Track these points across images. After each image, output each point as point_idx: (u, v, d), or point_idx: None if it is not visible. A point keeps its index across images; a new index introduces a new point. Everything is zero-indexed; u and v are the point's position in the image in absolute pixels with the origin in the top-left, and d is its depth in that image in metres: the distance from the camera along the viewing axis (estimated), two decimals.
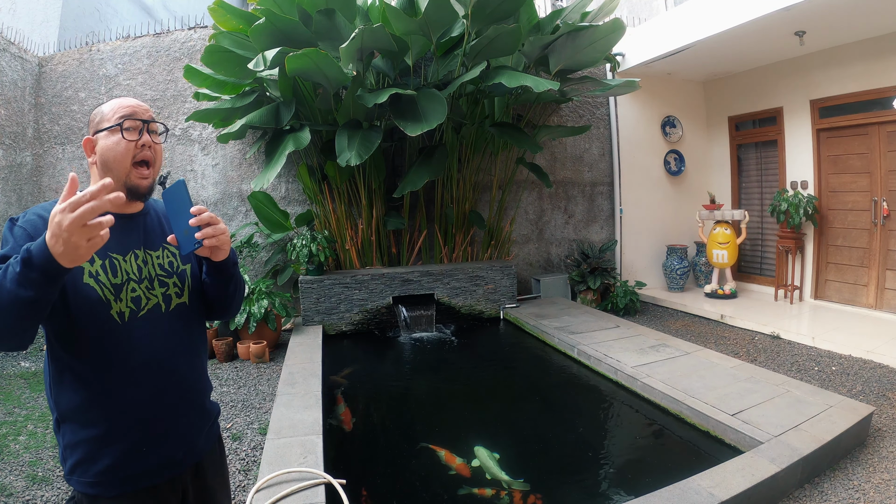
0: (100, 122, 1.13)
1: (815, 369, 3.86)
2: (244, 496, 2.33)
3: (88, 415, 1.07)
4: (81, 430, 1.07)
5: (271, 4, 4.48)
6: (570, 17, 4.86)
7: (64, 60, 5.44)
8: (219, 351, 4.37)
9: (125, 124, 1.11)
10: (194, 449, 1.21)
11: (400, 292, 5.19)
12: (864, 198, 5.28)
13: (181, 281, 1.20)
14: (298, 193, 5.78)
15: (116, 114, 1.12)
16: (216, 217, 1.08)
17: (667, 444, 2.88)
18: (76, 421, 1.07)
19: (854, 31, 4.93)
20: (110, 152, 1.10)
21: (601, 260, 6.30)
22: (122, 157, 1.10)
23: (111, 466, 1.07)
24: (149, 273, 1.15)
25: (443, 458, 2.67)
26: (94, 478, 1.07)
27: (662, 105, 6.91)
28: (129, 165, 1.11)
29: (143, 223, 1.19)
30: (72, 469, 1.08)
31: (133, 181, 1.12)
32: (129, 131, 1.11)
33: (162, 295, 1.16)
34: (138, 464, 1.10)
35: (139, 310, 1.11)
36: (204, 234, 1.05)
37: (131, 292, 1.11)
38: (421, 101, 4.32)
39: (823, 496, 2.27)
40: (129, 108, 1.13)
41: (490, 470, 2.56)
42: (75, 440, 1.07)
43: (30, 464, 2.71)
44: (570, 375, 3.93)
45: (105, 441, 1.07)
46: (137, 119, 1.12)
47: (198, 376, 1.24)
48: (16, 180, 5.06)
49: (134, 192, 1.13)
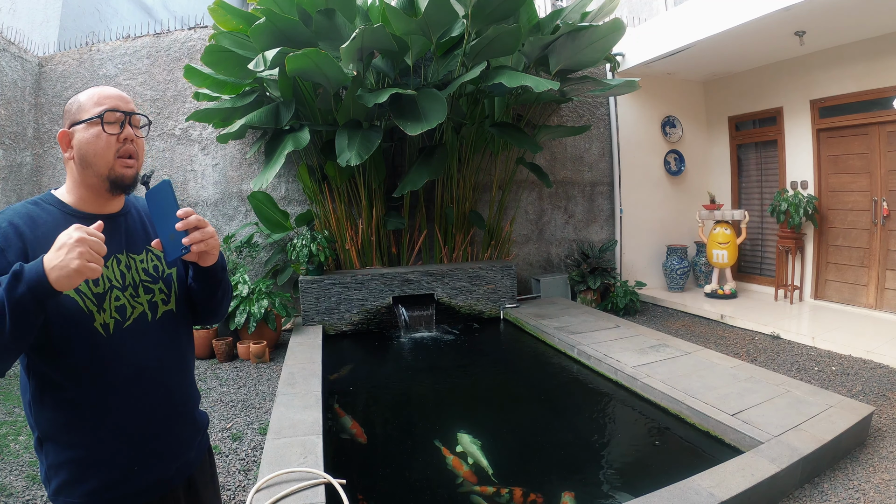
0: (77, 112, 1.02)
1: (815, 369, 3.86)
2: (244, 496, 2.33)
3: (73, 435, 0.99)
4: (66, 450, 0.99)
5: (271, 4, 4.48)
6: (570, 17, 4.86)
7: (64, 60, 5.44)
8: (219, 351, 4.38)
9: (106, 117, 1.00)
10: (186, 463, 1.15)
11: (400, 292, 5.19)
12: (864, 198, 5.28)
13: (167, 286, 1.12)
14: (298, 193, 5.78)
15: (97, 105, 1.00)
16: (204, 220, 1.01)
17: (667, 444, 2.88)
18: (60, 441, 1.00)
19: (854, 31, 4.93)
20: (90, 146, 1.00)
21: (601, 260, 6.30)
22: (103, 151, 1.00)
23: (99, 487, 1.00)
24: (133, 279, 1.06)
25: (450, 464, 2.65)
26: (81, 498, 1.00)
27: (662, 105, 6.91)
28: (111, 160, 1.01)
29: (123, 224, 1.10)
30: (57, 490, 1.01)
31: (118, 171, 1.02)
32: (110, 124, 1.00)
33: (148, 302, 1.08)
34: (129, 484, 1.03)
35: (125, 320, 1.03)
36: (192, 239, 0.98)
37: (115, 301, 1.02)
38: (421, 101, 4.32)
39: (823, 496, 2.27)
40: (109, 98, 1.02)
41: (473, 455, 2.59)
42: (59, 461, 1.00)
43: (30, 464, 2.71)
44: (569, 375, 3.93)
45: (92, 462, 1.00)
46: (119, 111, 1.01)
47: (187, 387, 1.18)
48: (16, 180, 5.06)
49: (118, 184, 1.03)
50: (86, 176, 1.02)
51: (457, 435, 2.76)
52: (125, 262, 1.06)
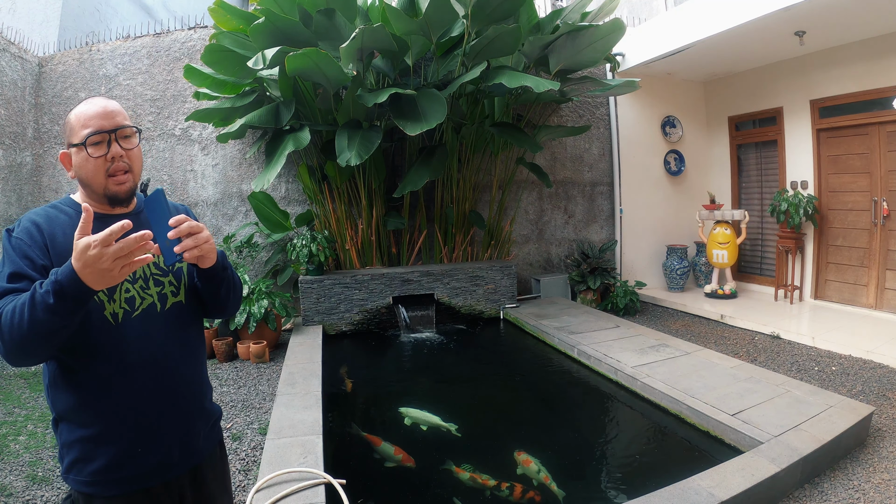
0: (69, 134, 1.10)
1: (815, 369, 3.86)
2: (244, 496, 2.33)
3: (83, 415, 1.07)
4: (77, 429, 1.07)
5: (271, 4, 4.48)
6: (570, 17, 4.86)
7: (64, 60, 5.44)
8: (219, 351, 4.37)
9: (88, 141, 1.06)
10: (192, 451, 1.19)
11: (400, 292, 5.19)
12: (864, 198, 5.28)
13: (177, 280, 1.19)
14: (298, 193, 5.78)
15: (83, 128, 1.07)
16: (197, 225, 1.04)
17: (667, 444, 2.88)
18: (72, 420, 1.08)
19: (854, 31, 4.93)
20: (82, 170, 1.09)
21: (601, 260, 6.29)
22: (93, 174, 1.08)
23: (106, 467, 1.07)
24: (143, 272, 1.13)
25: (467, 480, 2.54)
26: (89, 477, 1.07)
27: (662, 105, 6.91)
28: (103, 181, 1.09)
29: (135, 223, 1.14)
30: (68, 468, 1.09)
31: (111, 189, 1.10)
32: (95, 146, 1.07)
33: (157, 294, 1.15)
34: (133, 465, 1.09)
35: (133, 310, 1.10)
36: (183, 248, 1.01)
37: (125, 293, 1.09)
38: (421, 101, 4.31)
39: (823, 496, 2.27)
40: (92, 119, 1.07)
41: (425, 420, 2.63)
42: (71, 439, 1.08)
43: (30, 464, 2.71)
44: (569, 375, 3.93)
45: (100, 441, 1.07)
46: (102, 132, 1.07)
47: (195, 376, 1.22)
48: (16, 180, 5.06)
49: (115, 200, 1.12)
50: (87, 193, 1.14)
51: (400, 410, 2.79)
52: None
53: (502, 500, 2.33)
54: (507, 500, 2.33)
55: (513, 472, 2.53)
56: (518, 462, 2.56)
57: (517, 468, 2.54)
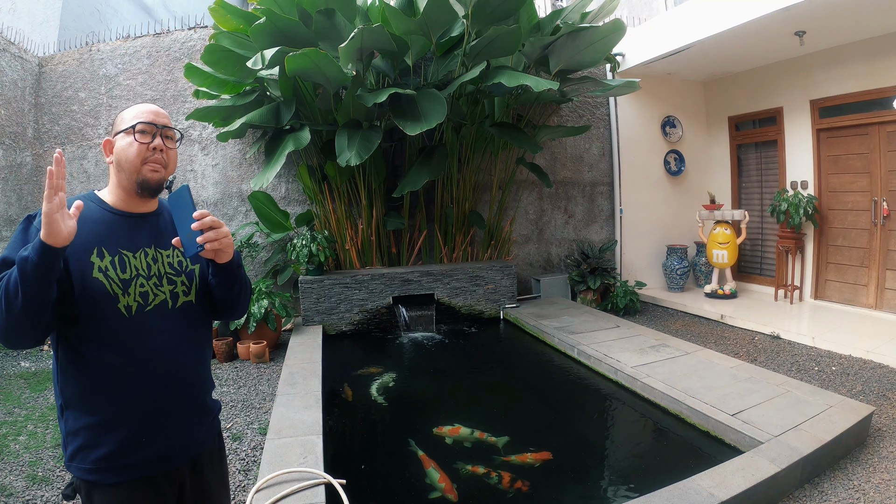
0: (118, 124, 1.19)
1: (815, 369, 3.86)
2: (244, 496, 2.33)
3: (91, 402, 1.11)
4: (84, 416, 1.11)
5: (271, 4, 4.48)
6: (571, 17, 4.85)
7: (64, 60, 5.44)
8: (219, 351, 4.37)
9: (137, 127, 1.16)
10: (192, 443, 1.24)
11: (400, 292, 5.19)
12: (864, 198, 5.28)
13: (189, 280, 1.25)
14: (298, 193, 5.78)
15: (135, 118, 1.17)
16: (218, 221, 1.13)
17: (667, 444, 2.88)
18: (79, 408, 1.12)
19: (854, 31, 4.93)
20: (123, 152, 1.16)
21: (601, 260, 6.29)
22: (133, 157, 1.15)
23: (109, 454, 1.11)
24: (158, 270, 1.20)
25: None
26: (92, 464, 1.11)
27: (662, 105, 6.91)
28: (139, 165, 1.16)
29: (155, 223, 1.24)
30: (72, 455, 1.13)
31: (145, 174, 1.16)
32: (141, 134, 1.16)
33: (170, 292, 1.21)
34: (136, 454, 1.13)
35: (146, 304, 1.16)
36: (205, 238, 1.10)
37: (140, 287, 1.16)
38: (421, 101, 4.31)
39: (823, 496, 2.27)
40: (146, 113, 1.18)
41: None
42: (77, 426, 1.12)
43: (30, 464, 2.71)
44: (569, 375, 3.93)
45: (105, 428, 1.11)
46: (151, 123, 1.17)
47: (200, 372, 1.28)
48: (16, 180, 5.06)
49: (145, 186, 1.17)
50: (120, 178, 1.19)
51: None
52: (152, 255, 1.20)
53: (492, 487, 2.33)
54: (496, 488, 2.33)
55: (505, 464, 2.56)
56: (445, 435, 2.77)
57: (446, 440, 2.74)
